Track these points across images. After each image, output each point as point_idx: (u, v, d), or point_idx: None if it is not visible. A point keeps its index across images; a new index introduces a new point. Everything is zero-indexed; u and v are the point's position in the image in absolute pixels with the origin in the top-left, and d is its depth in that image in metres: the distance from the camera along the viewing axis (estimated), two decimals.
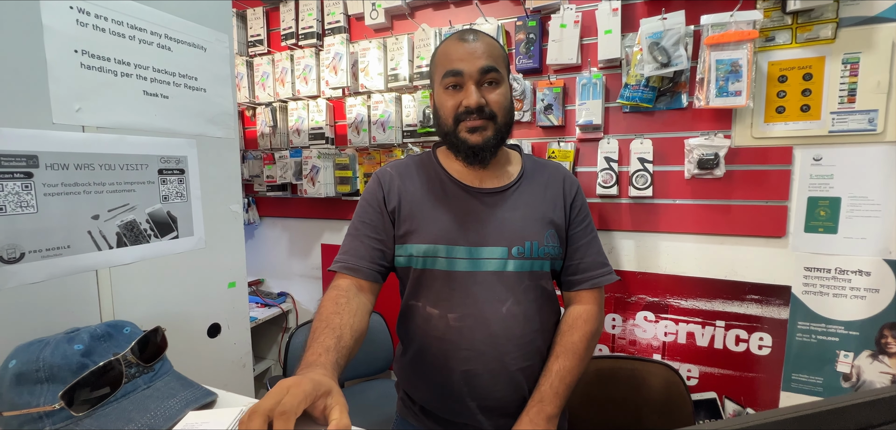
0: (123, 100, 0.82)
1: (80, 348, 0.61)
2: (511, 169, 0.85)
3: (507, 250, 0.77)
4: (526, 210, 0.80)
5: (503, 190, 0.81)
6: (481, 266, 0.76)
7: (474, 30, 0.78)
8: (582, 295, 0.84)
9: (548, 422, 0.73)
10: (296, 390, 0.48)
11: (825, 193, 1.12)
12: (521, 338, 0.78)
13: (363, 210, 0.82)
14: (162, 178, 0.89)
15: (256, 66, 1.88)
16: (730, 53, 1.09)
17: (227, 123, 1.03)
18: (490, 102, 0.75)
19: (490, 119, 0.75)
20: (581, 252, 0.83)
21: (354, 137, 1.68)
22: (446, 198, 0.80)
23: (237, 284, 1.08)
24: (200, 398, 0.62)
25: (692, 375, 1.32)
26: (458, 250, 0.76)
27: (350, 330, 0.68)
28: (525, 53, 1.38)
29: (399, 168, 0.84)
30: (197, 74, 0.95)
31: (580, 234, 0.84)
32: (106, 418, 0.57)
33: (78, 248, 0.76)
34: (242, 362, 1.12)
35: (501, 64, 0.77)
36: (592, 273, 0.83)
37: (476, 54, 0.74)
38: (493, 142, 0.76)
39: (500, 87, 0.76)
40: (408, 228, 0.78)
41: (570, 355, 0.78)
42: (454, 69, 0.74)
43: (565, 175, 0.87)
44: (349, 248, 0.79)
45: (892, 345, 1.10)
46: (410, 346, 0.83)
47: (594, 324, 0.82)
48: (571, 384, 0.77)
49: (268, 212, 2.02)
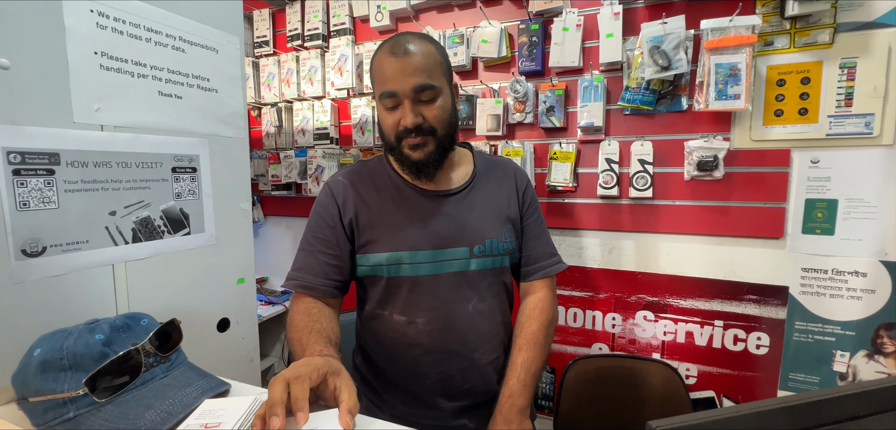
0: (140, 100, 0.85)
1: (102, 338, 0.63)
2: (464, 169, 0.86)
3: (468, 249, 0.79)
4: (483, 209, 0.82)
5: (459, 191, 0.82)
6: (445, 268, 0.78)
7: (410, 36, 0.74)
8: (536, 285, 0.87)
9: (520, 415, 0.75)
10: (309, 362, 0.54)
11: (822, 195, 1.14)
12: (488, 332, 0.81)
13: (316, 225, 0.80)
14: (175, 176, 0.92)
15: (262, 67, 1.90)
16: (729, 57, 1.11)
17: (237, 124, 1.06)
18: (428, 118, 0.74)
19: (429, 134, 0.75)
20: (532, 244, 0.87)
21: (359, 137, 1.70)
22: (404, 204, 0.80)
23: (246, 280, 1.11)
24: (216, 388, 0.64)
25: (691, 374, 1.34)
26: (422, 255, 0.77)
27: (333, 334, 0.71)
28: (528, 56, 1.40)
29: (351, 177, 0.83)
30: (209, 74, 0.98)
31: (532, 226, 0.87)
32: (126, 404, 0.59)
33: (96, 243, 0.79)
34: (250, 356, 1.14)
35: (438, 74, 0.74)
36: (545, 263, 0.86)
37: (408, 71, 0.71)
38: (436, 156, 0.76)
39: (437, 100, 0.74)
40: (368, 238, 0.78)
41: (532, 345, 0.80)
42: (388, 90, 0.72)
43: (516, 170, 0.89)
44: (303, 264, 0.79)
45: (887, 345, 1.12)
46: (378, 355, 0.83)
47: (550, 312, 0.85)
48: (537, 373, 0.80)
49: (272, 211, 2.05)
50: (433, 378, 0.79)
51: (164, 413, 0.58)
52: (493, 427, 0.76)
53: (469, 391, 0.81)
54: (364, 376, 0.87)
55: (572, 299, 1.46)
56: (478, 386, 0.81)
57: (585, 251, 1.43)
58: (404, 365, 0.80)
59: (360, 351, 0.89)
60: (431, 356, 0.78)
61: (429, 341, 0.78)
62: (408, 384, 0.81)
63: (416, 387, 0.80)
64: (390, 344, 0.80)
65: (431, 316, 0.78)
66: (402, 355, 0.79)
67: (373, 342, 0.84)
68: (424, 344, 0.78)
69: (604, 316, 1.43)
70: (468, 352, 0.79)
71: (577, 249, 1.44)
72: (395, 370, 0.81)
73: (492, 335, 0.82)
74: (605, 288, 1.42)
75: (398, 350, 0.80)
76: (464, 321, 0.79)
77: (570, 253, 1.45)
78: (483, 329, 0.81)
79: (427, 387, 0.80)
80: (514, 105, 1.44)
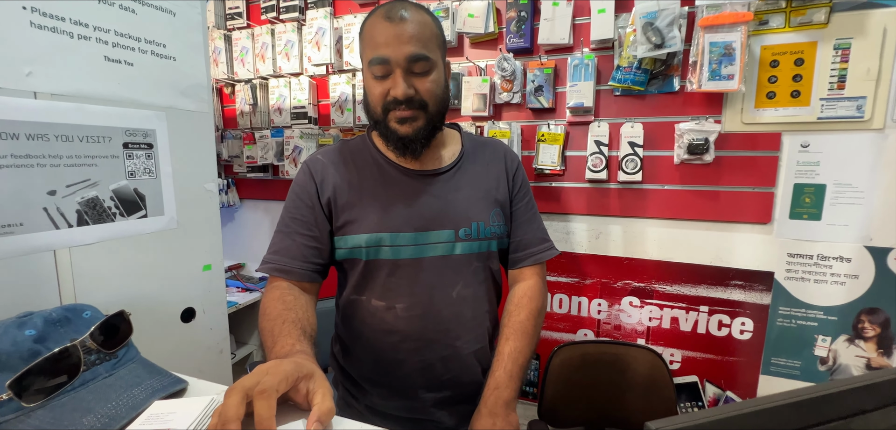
0: (81, 65, 0.75)
1: (33, 334, 0.56)
2: (451, 149, 0.81)
3: (453, 232, 0.74)
4: (470, 190, 0.77)
5: (445, 171, 0.77)
6: (427, 252, 0.73)
7: (407, 3, 0.69)
8: (525, 272, 0.82)
9: (506, 408, 0.72)
10: (276, 370, 0.47)
11: (811, 179, 1.13)
12: (472, 321, 0.77)
13: (294, 205, 0.75)
14: (128, 152, 0.83)
15: (235, 41, 1.78)
16: (724, 36, 1.07)
17: (199, 96, 0.97)
18: (420, 90, 0.69)
19: (420, 108, 0.70)
20: (523, 229, 0.82)
21: (338, 116, 1.62)
22: (386, 183, 0.75)
23: (213, 266, 1.03)
24: (168, 387, 0.58)
25: (675, 359, 1.34)
26: (403, 237, 0.72)
27: (309, 325, 0.65)
28: (516, 32, 1.34)
29: (331, 155, 0.78)
30: (165, 40, 0.88)
31: (522, 210, 0.83)
32: (62, 409, 0.52)
33: (32, 226, 0.70)
34: (220, 347, 1.07)
35: (433, 46, 0.70)
36: (535, 249, 0.82)
37: (403, 38, 0.66)
38: (425, 132, 0.71)
39: (431, 74, 0.70)
40: (347, 218, 0.73)
41: (520, 335, 0.76)
42: (380, 56, 0.67)
43: (506, 151, 0.85)
44: (280, 247, 0.73)
45: (868, 330, 1.13)
46: (355, 344, 0.78)
47: (540, 301, 0.81)
48: (524, 364, 0.76)
49: (248, 194, 1.95)
50: (412, 367, 0.75)
51: (105, 418, 0.51)
52: (478, 420, 0.72)
53: (450, 382, 0.77)
54: (341, 366, 0.83)
55: (559, 285, 1.44)
56: (460, 377, 0.77)
57: (572, 237, 1.40)
58: (382, 353, 0.75)
59: (338, 340, 0.84)
60: (410, 344, 0.74)
61: (408, 328, 0.73)
62: (386, 374, 0.76)
63: (395, 377, 0.76)
64: (368, 332, 0.75)
65: (411, 302, 0.73)
66: (380, 342, 0.75)
67: (350, 330, 0.79)
68: (403, 331, 0.73)
69: (590, 302, 1.41)
70: (450, 340, 0.75)
71: (564, 234, 1.41)
72: (372, 359, 0.77)
73: (476, 324, 0.78)
74: (591, 274, 1.39)
75: (375, 337, 0.75)
76: (446, 308, 0.74)
77: (556, 239, 1.41)
78: (466, 317, 0.76)
79: (406, 376, 0.75)
80: (502, 84, 1.38)
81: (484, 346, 0.80)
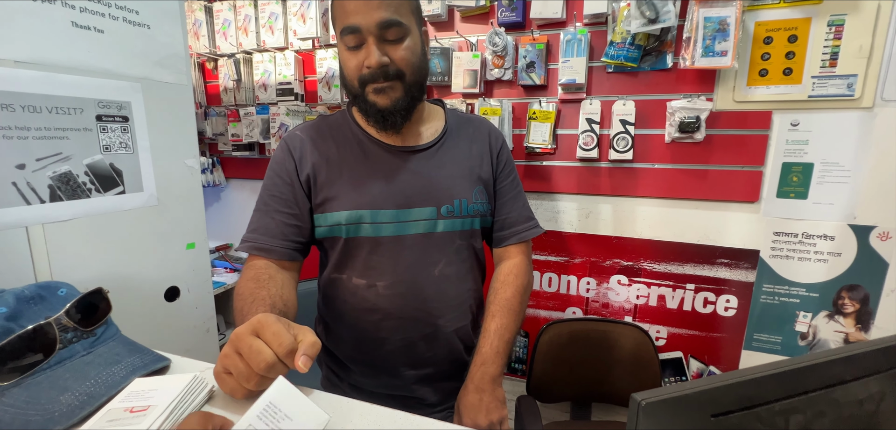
0: (47, 31, 0.71)
1: (4, 312, 0.54)
2: (434, 125, 0.79)
3: (435, 210, 0.73)
4: (453, 167, 0.76)
5: (428, 147, 0.76)
6: (409, 229, 0.72)
7: None
8: (510, 250, 0.82)
9: (492, 383, 0.72)
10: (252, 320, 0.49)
11: (799, 158, 1.13)
12: (455, 299, 0.76)
13: (272, 182, 0.74)
14: (101, 125, 0.79)
15: (216, 13, 1.71)
16: (718, 11, 1.05)
17: (177, 67, 0.92)
18: (395, 59, 0.67)
19: (397, 78, 0.67)
20: (508, 207, 0.82)
21: (325, 93, 1.57)
22: (366, 159, 0.73)
23: (197, 245, 1.01)
24: (149, 364, 0.57)
25: (661, 336, 1.36)
26: (384, 214, 0.71)
27: (281, 301, 0.64)
28: (508, 6, 1.30)
29: (310, 131, 0.76)
30: (138, 7, 0.83)
31: (507, 188, 0.82)
32: (38, 387, 0.51)
33: (1, 201, 0.67)
34: (206, 326, 1.06)
35: (406, 11, 0.67)
36: (520, 228, 0.82)
37: (372, 4, 0.63)
38: (404, 103, 0.69)
39: (405, 40, 0.67)
40: (326, 195, 0.72)
41: (506, 312, 0.77)
42: (350, 25, 0.64)
43: (490, 129, 0.84)
44: (258, 225, 0.72)
45: (848, 306, 1.16)
46: (337, 323, 0.78)
47: (525, 278, 0.81)
48: (510, 340, 0.76)
49: (234, 173, 1.91)
50: (394, 345, 0.74)
51: (83, 396, 0.50)
52: (465, 396, 0.72)
53: (433, 360, 0.77)
54: (325, 345, 0.82)
55: (548, 263, 1.44)
56: (443, 355, 0.77)
57: (562, 216, 1.40)
58: (364, 332, 0.75)
59: (321, 321, 0.83)
60: (392, 322, 0.73)
61: (389, 306, 0.73)
62: (368, 352, 0.76)
63: (377, 355, 0.75)
64: (349, 310, 0.75)
65: (393, 280, 0.72)
66: (362, 320, 0.74)
67: (331, 309, 0.78)
68: (385, 309, 0.73)
69: (578, 281, 1.42)
70: (432, 319, 0.74)
71: (554, 213, 1.41)
72: (354, 338, 0.76)
73: (459, 303, 0.77)
74: (580, 253, 1.40)
75: (357, 316, 0.74)
76: (428, 286, 0.73)
77: (546, 218, 1.41)
78: (449, 295, 0.76)
79: (388, 354, 0.75)
80: (493, 60, 1.35)
81: (466, 324, 0.79)
